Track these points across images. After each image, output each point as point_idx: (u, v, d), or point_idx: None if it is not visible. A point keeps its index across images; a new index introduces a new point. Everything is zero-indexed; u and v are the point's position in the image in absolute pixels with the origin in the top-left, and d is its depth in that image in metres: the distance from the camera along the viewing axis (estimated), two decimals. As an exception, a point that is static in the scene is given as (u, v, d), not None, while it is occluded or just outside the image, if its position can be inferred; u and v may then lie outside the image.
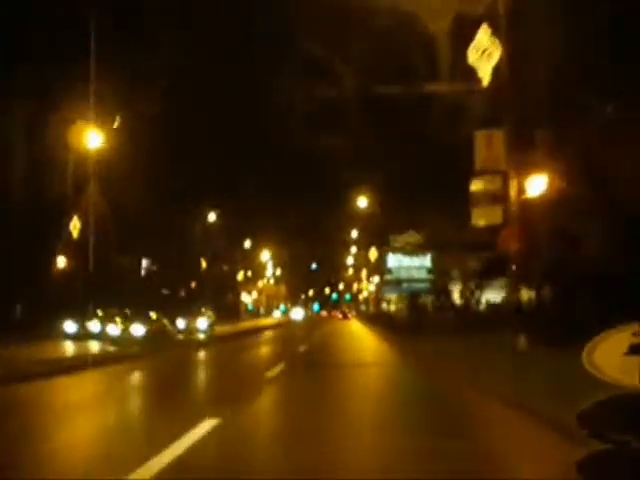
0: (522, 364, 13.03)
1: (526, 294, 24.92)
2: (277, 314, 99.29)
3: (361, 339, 36.00)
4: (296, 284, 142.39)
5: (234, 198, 50.48)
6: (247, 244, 61.87)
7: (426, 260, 37.43)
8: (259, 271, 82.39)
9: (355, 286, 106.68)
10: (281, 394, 12.01)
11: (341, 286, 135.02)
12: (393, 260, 37.37)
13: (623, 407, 1.95)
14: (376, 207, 44.89)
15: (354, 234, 78.28)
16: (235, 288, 60.78)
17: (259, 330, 40.95)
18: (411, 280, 37.03)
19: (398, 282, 37.25)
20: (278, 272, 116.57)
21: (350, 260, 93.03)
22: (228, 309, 55.77)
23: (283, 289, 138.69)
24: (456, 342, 21.14)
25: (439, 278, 38.14)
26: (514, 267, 16.14)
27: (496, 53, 14.75)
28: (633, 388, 2.00)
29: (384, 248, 37.61)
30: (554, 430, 6.34)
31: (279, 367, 15.78)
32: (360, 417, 8.81)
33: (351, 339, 35.47)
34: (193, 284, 50.59)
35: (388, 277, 37.86)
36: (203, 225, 45.91)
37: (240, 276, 61.99)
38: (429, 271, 37.52)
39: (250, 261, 73.37)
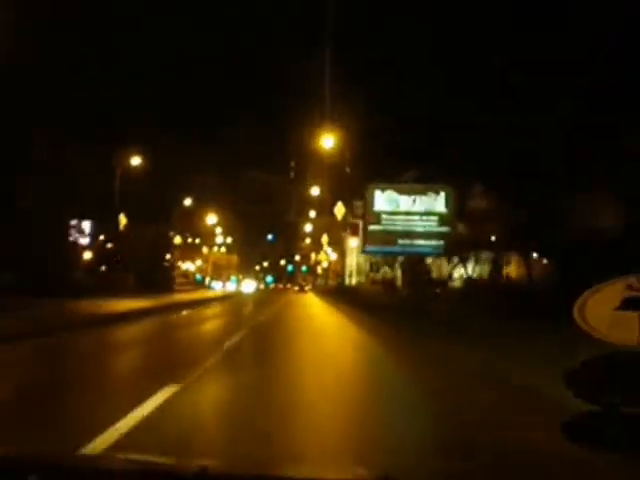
0: None
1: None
2: (226, 286, 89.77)
3: (320, 317, 27.21)
4: (250, 255, 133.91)
5: (169, 142, 41.18)
6: (187, 202, 52.52)
7: (438, 202, 25.40)
8: (206, 237, 72.86)
9: (313, 257, 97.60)
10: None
11: (298, 257, 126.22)
12: (383, 201, 25.42)
13: (611, 367, 1.92)
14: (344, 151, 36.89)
15: (315, 191, 69.66)
16: (168, 254, 51.34)
17: (190, 305, 31.55)
18: (410, 234, 25.61)
19: (388, 238, 25.47)
20: (229, 240, 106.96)
21: (308, 227, 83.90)
22: (161, 279, 46.39)
23: (235, 259, 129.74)
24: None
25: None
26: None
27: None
28: (624, 345, 2.00)
29: (369, 186, 26.39)
30: None
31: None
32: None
33: (309, 319, 26.45)
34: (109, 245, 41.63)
35: (374, 228, 25.74)
36: (124, 169, 36.39)
37: (177, 240, 52.62)
38: (442, 220, 25.62)
39: (192, 224, 63.89)
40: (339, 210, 38.99)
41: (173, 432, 5.15)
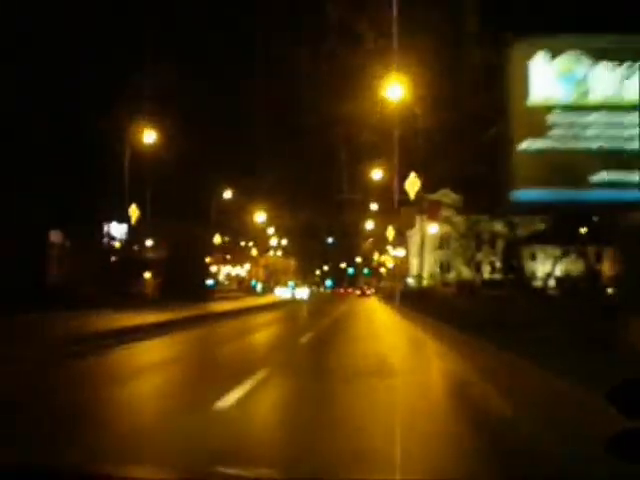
0: None
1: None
2: (282, 292, 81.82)
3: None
4: (309, 259, 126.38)
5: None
6: (227, 194, 44.77)
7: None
8: (256, 238, 65.26)
9: (376, 257, 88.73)
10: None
11: (359, 259, 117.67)
12: (553, 81, 12.24)
13: None
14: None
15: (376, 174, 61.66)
16: (208, 256, 43.60)
17: (215, 317, 23.78)
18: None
19: (569, 166, 12.10)
20: (284, 242, 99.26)
21: (370, 225, 75.28)
22: (195, 285, 38.81)
23: (292, 264, 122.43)
24: None
25: None
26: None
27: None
28: None
29: (515, 43, 13.22)
30: None
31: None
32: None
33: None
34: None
35: (531, 146, 12.30)
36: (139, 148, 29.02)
37: (217, 239, 45.00)
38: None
39: (238, 223, 56.37)
40: (411, 185, 29.19)
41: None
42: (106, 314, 22.26)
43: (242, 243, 67.58)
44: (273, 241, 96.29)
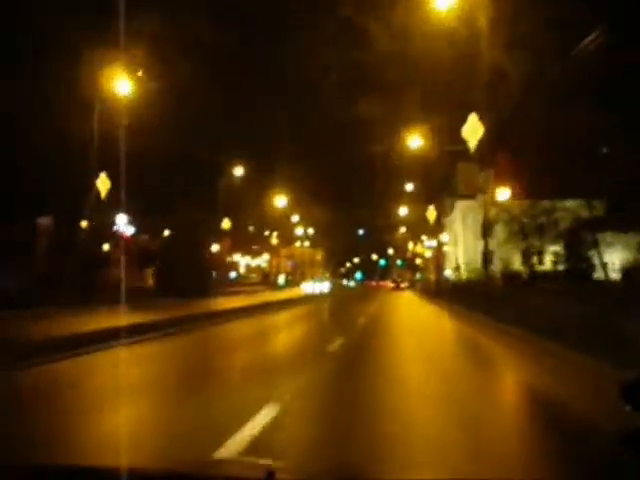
0: None
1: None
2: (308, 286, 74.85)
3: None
4: (338, 251, 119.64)
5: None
6: (238, 171, 37.98)
7: None
8: (278, 227, 58.31)
9: (410, 247, 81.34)
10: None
11: (391, 251, 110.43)
12: None
13: None
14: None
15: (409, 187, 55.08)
16: (206, 244, 36.53)
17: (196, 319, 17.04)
18: None
19: None
20: (310, 232, 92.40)
21: (403, 210, 68.07)
22: (196, 278, 32.24)
23: (319, 255, 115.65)
24: None
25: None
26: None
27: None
28: None
29: None
30: None
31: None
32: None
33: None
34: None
35: None
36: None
37: (226, 224, 38.13)
38: None
39: (254, 207, 49.65)
40: (472, 131, 20.11)
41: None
42: (48, 316, 16.26)
43: (262, 231, 60.68)
44: (299, 231, 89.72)
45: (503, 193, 36.15)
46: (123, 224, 42.88)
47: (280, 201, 55.66)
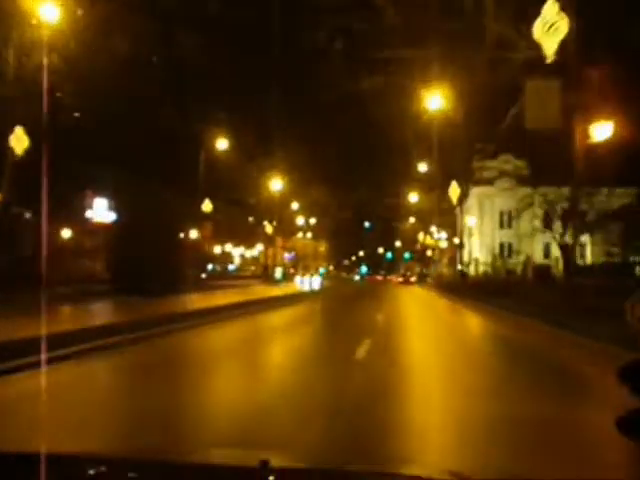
0: None
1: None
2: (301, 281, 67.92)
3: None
4: (343, 243, 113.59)
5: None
6: (222, 144, 31.77)
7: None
8: (273, 214, 51.85)
9: (420, 238, 74.93)
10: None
11: (399, 243, 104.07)
12: None
13: None
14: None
15: (422, 167, 48.89)
16: (178, 228, 29.83)
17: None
18: None
19: None
20: (312, 222, 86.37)
21: (414, 197, 61.90)
22: (165, 271, 26.27)
23: (323, 247, 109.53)
24: None
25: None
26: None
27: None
28: None
29: None
30: None
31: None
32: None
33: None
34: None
35: None
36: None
37: (207, 207, 31.84)
38: None
39: (243, 188, 43.43)
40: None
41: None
42: None
43: (258, 219, 54.31)
44: (299, 220, 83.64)
45: (602, 129, 19.74)
46: (101, 209, 36.88)
47: (276, 184, 49.51)
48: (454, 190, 33.36)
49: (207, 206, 33.02)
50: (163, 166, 26.96)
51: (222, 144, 32.97)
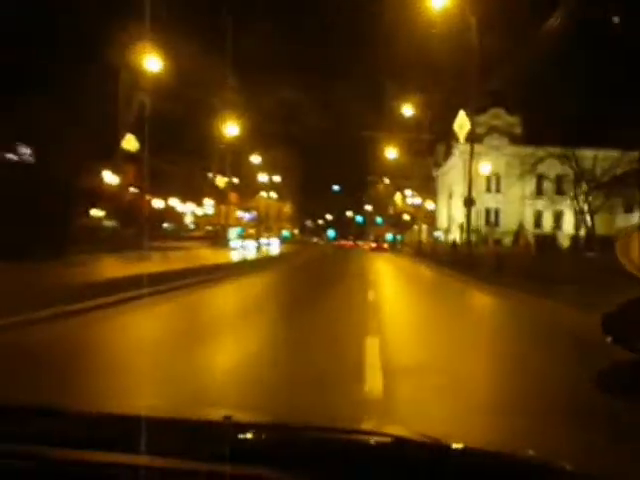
0: None
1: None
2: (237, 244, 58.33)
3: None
4: (310, 205, 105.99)
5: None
6: (156, 65, 23.50)
7: None
8: (222, 163, 43.26)
9: (398, 199, 67.20)
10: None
11: (369, 207, 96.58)
12: None
13: None
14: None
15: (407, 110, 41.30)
16: (77, 169, 21.32)
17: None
18: None
19: None
20: (277, 179, 78.46)
21: (391, 154, 54.17)
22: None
23: (288, 208, 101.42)
24: None
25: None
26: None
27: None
28: None
29: None
30: None
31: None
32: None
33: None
34: None
35: None
36: None
37: (129, 143, 23.62)
38: None
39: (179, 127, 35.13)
40: None
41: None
42: None
43: (206, 168, 45.72)
44: (262, 177, 75.53)
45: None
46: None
47: (231, 128, 41.25)
48: (462, 123, 25.57)
49: (130, 143, 24.85)
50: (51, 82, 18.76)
51: (151, 64, 24.64)
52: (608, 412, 2.10)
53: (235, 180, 71.62)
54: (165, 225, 52.50)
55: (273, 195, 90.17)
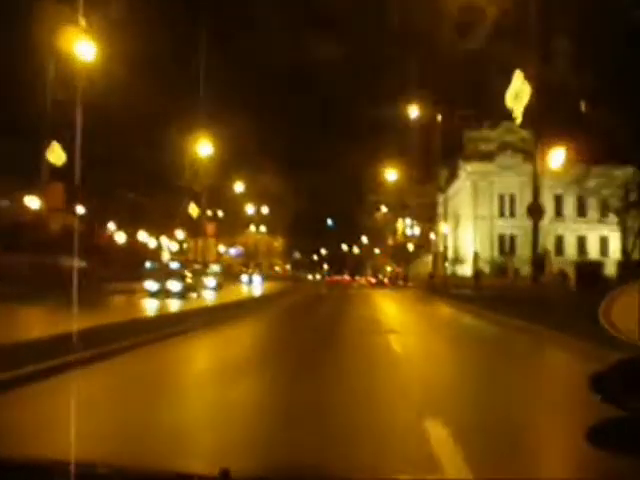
0: None
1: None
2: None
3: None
4: (303, 241, 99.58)
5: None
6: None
7: None
8: (195, 189, 36.69)
9: (400, 227, 60.73)
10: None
11: (365, 239, 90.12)
12: None
13: None
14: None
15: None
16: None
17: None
18: None
19: None
20: (265, 211, 72.32)
21: (392, 176, 48.19)
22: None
23: (279, 243, 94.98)
24: None
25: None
26: None
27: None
28: None
29: None
30: None
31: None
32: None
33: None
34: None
35: None
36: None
37: (54, 156, 17.27)
38: None
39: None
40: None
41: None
42: None
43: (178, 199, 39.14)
44: (249, 210, 69.30)
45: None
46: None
47: (204, 148, 35.03)
48: (518, 90, 20.08)
49: (55, 155, 18.59)
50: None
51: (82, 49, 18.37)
52: None
53: (220, 213, 65.63)
54: (148, 265, 46.12)
55: (262, 229, 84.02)
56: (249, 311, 18.65)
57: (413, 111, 34.67)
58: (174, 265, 37.98)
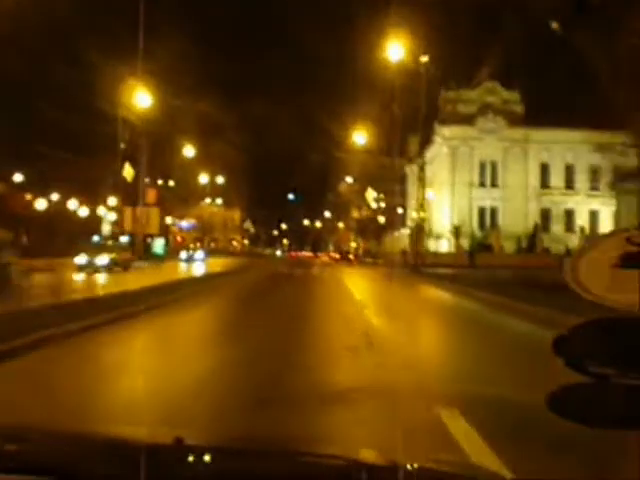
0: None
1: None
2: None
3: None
4: (263, 214, 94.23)
5: None
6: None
7: None
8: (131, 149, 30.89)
9: (370, 198, 55.01)
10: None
11: (328, 214, 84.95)
12: None
13: (606, 333, 1.60)
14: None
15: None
16: None
17: None
18: None
19: None
20: (220, 181, 66.57)
21: (361, 139, 42.66)
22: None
23: (236, 216, 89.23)
24: None
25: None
26: None
27: None
28: (622, 309, 1.67)
29: None
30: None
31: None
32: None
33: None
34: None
35: None
36: None
37: None
38: None
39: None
40: None
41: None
42: None
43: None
44: (203, 178, 63.35)
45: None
46: None
47: (143, 98, 29.20)
48: None
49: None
50: None
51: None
52: None
53: (171, 183, 59.53)
54: (96, 238, 40.55)
55: (218, 201, 78.22)
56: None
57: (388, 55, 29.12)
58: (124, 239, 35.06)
